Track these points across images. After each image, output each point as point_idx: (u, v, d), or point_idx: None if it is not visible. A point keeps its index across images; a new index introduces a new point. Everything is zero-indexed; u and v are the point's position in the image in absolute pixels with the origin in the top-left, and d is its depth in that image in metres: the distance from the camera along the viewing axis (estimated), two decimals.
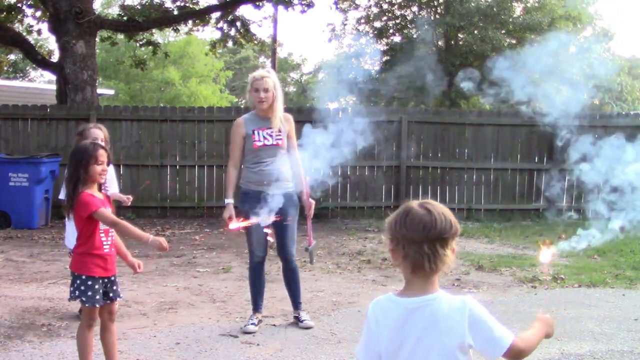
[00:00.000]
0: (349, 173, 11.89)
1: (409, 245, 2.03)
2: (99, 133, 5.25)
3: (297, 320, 5.19)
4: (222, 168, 11.66)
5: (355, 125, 4.82)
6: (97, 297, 3.75)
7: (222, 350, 4.57)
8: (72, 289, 3.79)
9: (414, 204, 2.07)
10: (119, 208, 11.83)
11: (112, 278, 3.86)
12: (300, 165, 5.05)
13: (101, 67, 25.90)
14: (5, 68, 25.34)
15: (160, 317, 5.42)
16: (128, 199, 5.60)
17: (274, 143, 5.03)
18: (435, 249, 2.02)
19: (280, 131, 5.04)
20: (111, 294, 3.85)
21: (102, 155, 3.75)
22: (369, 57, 24.23)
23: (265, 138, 5.02)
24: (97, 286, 3.74)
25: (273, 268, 7.48)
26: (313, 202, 5.16)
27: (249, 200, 4.93)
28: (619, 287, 6.74)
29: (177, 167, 11.78)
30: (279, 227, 5.00)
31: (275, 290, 6.27)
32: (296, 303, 5.24)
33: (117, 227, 3.76)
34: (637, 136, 3.64)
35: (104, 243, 3.77)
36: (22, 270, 7.19)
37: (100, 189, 3.85)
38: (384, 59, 22.55)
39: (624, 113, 15.59)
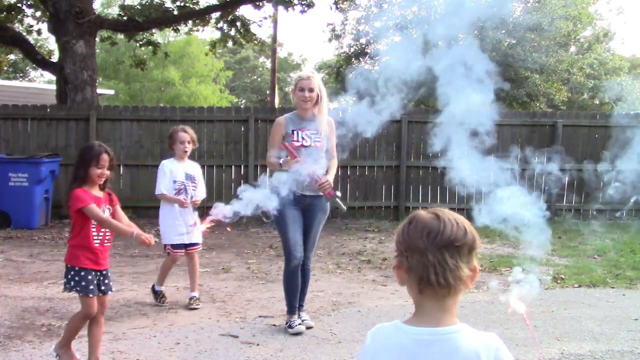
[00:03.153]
0: (348, 173, 11.89)
1: (412, 255, 1.67)
2: (185, 136, 5.75)
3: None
4: (222, 168, 11.67)
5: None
6: (92, 287, 3.95)
7: (222, 350, 4.57)
8: (65, 280, 3.97)
9: (422, 211, 1.77)
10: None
11: (104, 272, 4.06)
12: (333, 170, 5.02)
13: (101, 67, 25.92)
14: (5, 68, 25.33)
15: (160, 317, 5.42)
16: (190, 202, 5.78)
17: (312, 144, 4.94)
18: (443, 258, 1.64)
19: (320, 133, 4.96)
20: (103, 287, 4.05)
21: (104, 159, 3.94)
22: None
23: (303, 139, 4.93)
24: (90, 277, 3.94)
25: (273, 268, 7.48)
26: (327, 180, 4.90)
27: (282, 201, 4.82)
28: (619, 287, 6.74)
29: None
30: (306, 229, 4.97)
31: (275, 291, 6.27)
32: (300, 304, 5.18)
33: (104, 225, 3.96)
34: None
35: (94, 238, 3.96)
36: (22, 270, 7.19)
37: (103, 189, 4.05)
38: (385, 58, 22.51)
39: (623, 113, 15.58)
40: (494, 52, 20.97)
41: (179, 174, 5.76)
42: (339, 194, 5.02)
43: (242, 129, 11.76)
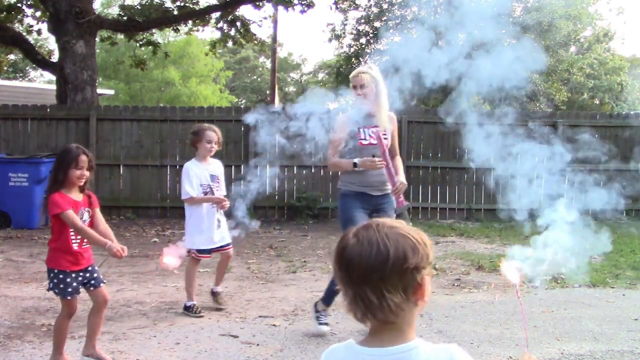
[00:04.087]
0: None
1: (339, 284, 1.51)
2: (213, 136, 5.46)
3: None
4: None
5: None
6: (70, 289, 3.99)
7: (222, 350, 4.57)
8: (48, 281, 4.07)
9: (352, 231, 1.53)
10: (120, 208, 11.87)
11: (89, 268, 4.10)
12: (400, 168, 4.83)
13: (101, 67, 25.92)
14: (5, 68, 25.33)
15: (160, 317, 5.42)
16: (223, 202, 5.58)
17: (378, 142, 4.73)
18: (364, 294, 1.45)
19: (385, 130, 4.75)
20: (93, 282, 4.11)
21: (83, 160, 3.92)
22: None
23: (370, 136, 4.73)
24: (69, 279, 3.98)
25: (273, 268, 7.48)
26: (404, 184, 4.76)
27: (351, 202, 4.73)
28: (619, 287, 6.73)
29: (177, 167, 11.77)
30: None
31: (275, 291, 6.27)
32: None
33: (79, 233, 3.94)
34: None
35: (73, 241, 3.98)
36: (22, 270, 7.19)
37: (82, 191, 4.03)
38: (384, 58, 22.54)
39: (624, 113, 15.58)
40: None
41: (204, 176, 5.49)
42: (407, 204, 4.84)
43: (242, 129, 11.76)
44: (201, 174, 5.47)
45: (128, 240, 9.15)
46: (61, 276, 3.96)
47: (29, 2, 14.79)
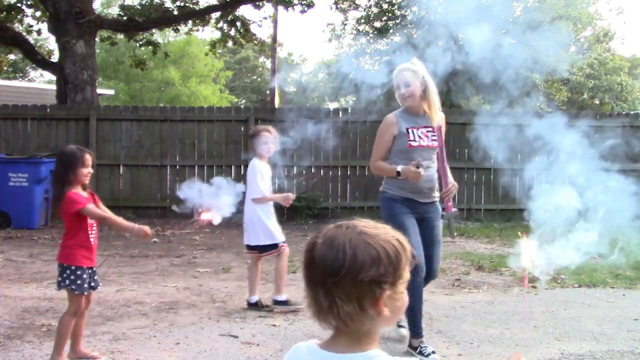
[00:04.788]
0: (348, 173, 11.90)
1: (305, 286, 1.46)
2: (269, 137, 5.49)
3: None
4: (222, 168, 11.67)
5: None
6: (85, 285, 4.09)
7: (222, 350, 4.57)
8: (60, 279, 4.07)
9: (327, 227, 1.47)
10: (120, 208, 11.88)
11: (94, 269, 4.22)
12: (447, 169, 4.48)
13: (101, 67, 25.91)
14: (5, 68, 25.33)
15: (160, 317, 5.42)
16: (289, 199, 5.65)
17: (430, 144, 4.43)
18: (317, 296, 1.41)
19: (434, 131, 4.43)
20: (92, 284, 4.20)
21: (88, 159, 4.11)
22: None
23: (420, 138, 4.41)
24: (85, 275, 4.08)
25: (273, 268, 7.47)
26: (455, 185, 4.47)
27: (399, 207, 4.45)
28: (619, 287, 6.73)
29: (177, 167, 11.78)
30: (427, 240, 4.44)
31: None
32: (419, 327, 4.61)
33: (106, 221, 4.17)
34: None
35: (90, 236, 4.11)
36: (22, 270, 7.19)
37: (84, 189, 4.17)
38: (384, 58, 22.54)
39: (624, 113, 15.59)
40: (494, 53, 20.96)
41: (267, 174, 5.59)
42: (456, 210, 4.53)
43: (242, 129, 11.76)
44: (265, 172, 5.57)
45: (128, 240, 9.15)
46: (78, 272, 4.06)
47: (29, 2, 14.79)
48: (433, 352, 4.39)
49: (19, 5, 14.72)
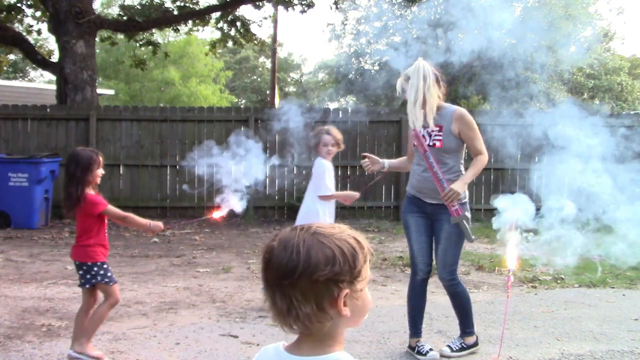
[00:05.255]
0: (348, 173, 11.90)
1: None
2: (329, 139, 5.58)
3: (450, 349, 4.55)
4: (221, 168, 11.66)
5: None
6: (113, 276, 4.34)
7: (222, 350, 4.57)
8: (89, 277, 4.24)
9: (283, 230, 1.49)
10: (119, 208, 11.84)
11: None
12: (471, 171, 4.36)
13: (101, 67, 25.92)
14: (5, 68, 25.33)
15: (160, 317, 5.42)
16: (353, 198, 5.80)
17: (430, 144, 4.41)
18: (274, 299, 1.41)
19: (440, 130, 4.38)
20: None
21: (101, 161, 4.35)
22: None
23: (424, 137, 4.44)
24: (110, 268, 4.34)
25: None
26: (454, 191, 4.30)
27: (407, 205, 4.54)
28: (619, 287, 6.73)
29: (177, 167, 11.78)
30: (435, 240, 4.48)
31: None
32: (461, 329, 4.62)
33: (125, 220, 4.40)
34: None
35: (106, 234, 4.38)
36: (22, 270, 7.19)
37: (93, 189, 4.36)
38: (384, 58, 22.54)
39: (624, 113, 15.58)
40: (494, 52, 20.95)
41: (332, 173, 5.70)
42: (468, 214, 4.35)
43: (242, 129, 11.75)
44: (331, 171, 5.67)
45: (128, 240, 9.15)
46: (105, 266, 4.28)
47: (29, 2, 14.78)
48: (431, 350, 4.46)
49: (19, 5, 14.72)
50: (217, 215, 4.91)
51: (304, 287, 1.36)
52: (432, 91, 4.32)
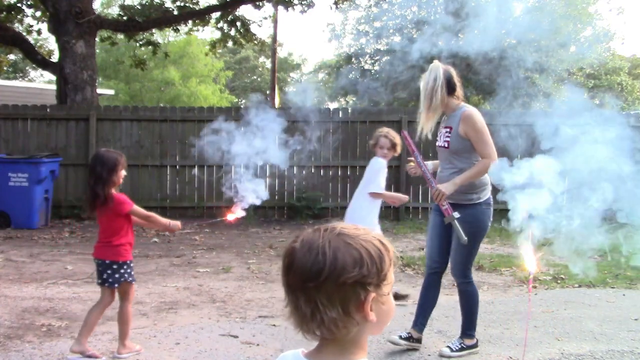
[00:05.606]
0: (348, 173, 11.89)
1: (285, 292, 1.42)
2: (385, 142, 5.78)
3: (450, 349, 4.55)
4: (222, 168, 11.67)
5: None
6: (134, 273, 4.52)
7: (222, 350, 4.57)
8: (117, 275, 4.35)
9: (305, 231, 1.42)
10: None
11: None
12: (463, 175, 4.33)
13: (101, 67, 25.92)
14: (5, 68, 25.32)
15: (160, 317, 5.42)
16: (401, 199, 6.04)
17: (442, 144, 4.48)
18: (297, 303, 1.35)
19: (450, 131, 4.41)
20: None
21: (125, 163, 4.47)
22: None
23: (439, 137, 4.52)
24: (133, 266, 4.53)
25: (273, 268, 7.47)
26: (439, 191, 4.32)
27: (434, 205, 4.55)
28: (619, 287, 6.73)
29: (177, 167, 11.78)
30: (452, 240, 4.49)
31: (275, 291, 6.27)
32: (462, 329, 4.61)
33: (149, 219, 4.57)
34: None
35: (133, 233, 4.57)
36: (22, 270, 7.19)
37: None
38: (384, 58, 22.57)
39: (624, 113, 15.58)
40: (494, 52, 20.95)
41: (385, 174, 5.88)
42: (457, 215, 4.29)
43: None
44: (385, 172, 5.84)
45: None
46: (132, 265, 4.46)
47: (29, 2, 14.78)
48: (399, 336, 4.57)
49: (19, 5, 14.71)
50: (233, 216, 5.00)
51: (330, 290, 1.30)
52: (437, 94, 4.34)
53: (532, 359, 4.49)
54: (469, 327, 4.57)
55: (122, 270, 4.37)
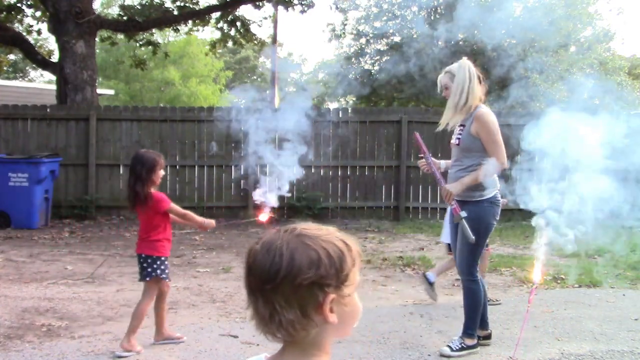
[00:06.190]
0: (349, 173, 11.90)
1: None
2: None
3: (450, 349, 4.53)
4: (222, 168, 11.68)
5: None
6: (168, 272, 4.67)
7: (222, 350, 4.57)
8: (150, 270, 4.54)
9: (269, 233, 1.40)
10: (120, 208, 11.85)
11: None
12: (472, 175, 4.36)
13: (101, 67, 25.91)
14: (5, 68, 25.32)
15: None
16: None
17: (454, 141, 4.52)
18: (256, 305, 1.33)
19: (462, 127, 4.44)
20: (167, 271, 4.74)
21: (163, 163, 4.66)
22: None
23: (453, 134, 4.56)
24: (168, 264, 4.66)
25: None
26: (447, 190, 4.39)
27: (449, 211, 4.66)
28: (619, 287, 6.73)
29: (177, 167, 11.78)
30: (459, 236, 4.52)
31: None
32: (463, 328, 4.60)
33: (185, 217, 4.72)
34: None
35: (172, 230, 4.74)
36: (22, 270, 7.19)
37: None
38: (384, 58, 22.56)
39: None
40: (494, 52, 20.96)
41: None
42: (464, 214, 4.33)
43: (242, 129, 11.75)
44: None
45: (128, 240, 9.15)
46: (166, 262, 4.59)
47: (29, 2, 14.78)
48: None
49: (19, 5, 14.71)
50: (265, 216, 5.11)
51: (287, 291, 1.27)
52: (475, 92, 4.39)
53: (532, 359, 4.49)
54: (470, 326, 4.56)
55: (154, 265, 4.54)
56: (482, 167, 4.34)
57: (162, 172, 4.65)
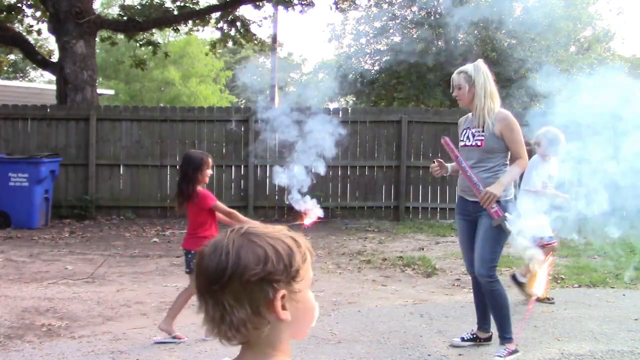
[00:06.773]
0: (349, 173, 11.89)
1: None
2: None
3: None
4: (221, 168, 11.67)
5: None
6: None
7: (222, 350, 4.56)
8: (192, 264, 4.59)
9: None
10: (120, 208, 11.86)
11: None
12: (506, 175, 4.35)
13: (101, 67, 25.90)
14: (5, 68, 25.32)
15: (160, 317, 5.41)
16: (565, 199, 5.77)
17: (473, 144, 4.46)
18: (206, 306, 1.34)
19: (484, 130, 4.41)
20: None
21: (210, 163, 4.80)
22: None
23: (468, 138, 4.51)
24: None
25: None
26: (490, 193, 4.26)
27: (457, 208, 4.69)
28: (619, 287, 6.73)
29: (177, 167, 11.77)
30: (476, 238, 4.49)
31: None
32: (499, 334, 4.47)
33: (231, 215, 4.79)
34: None
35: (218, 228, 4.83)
36: (22, 270, 7.19)
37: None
38: (384, 58, 22.57)
39: None
40: (494, 52, 20.97)
41: (544, 171, 5.83)
42: (508, 215, 4.27)
43: (242, 129, 11.76)
44: (542, 169, 5.79)
45: (128, 240, 9.16)
46: None
47: (29, 2, 14.77)
48: (461, 338, 4.67)
49: (19, 5, 14.71)
50: (310, 220, 5.16)
51: (235, 290, 1.26)
52: (494, 94, 4.45)
53: (532, 359, 4.49)
54: (506, 329, 4.40)
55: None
56: (513, 167, 4.41)
57: (209, 172, 4.78)
